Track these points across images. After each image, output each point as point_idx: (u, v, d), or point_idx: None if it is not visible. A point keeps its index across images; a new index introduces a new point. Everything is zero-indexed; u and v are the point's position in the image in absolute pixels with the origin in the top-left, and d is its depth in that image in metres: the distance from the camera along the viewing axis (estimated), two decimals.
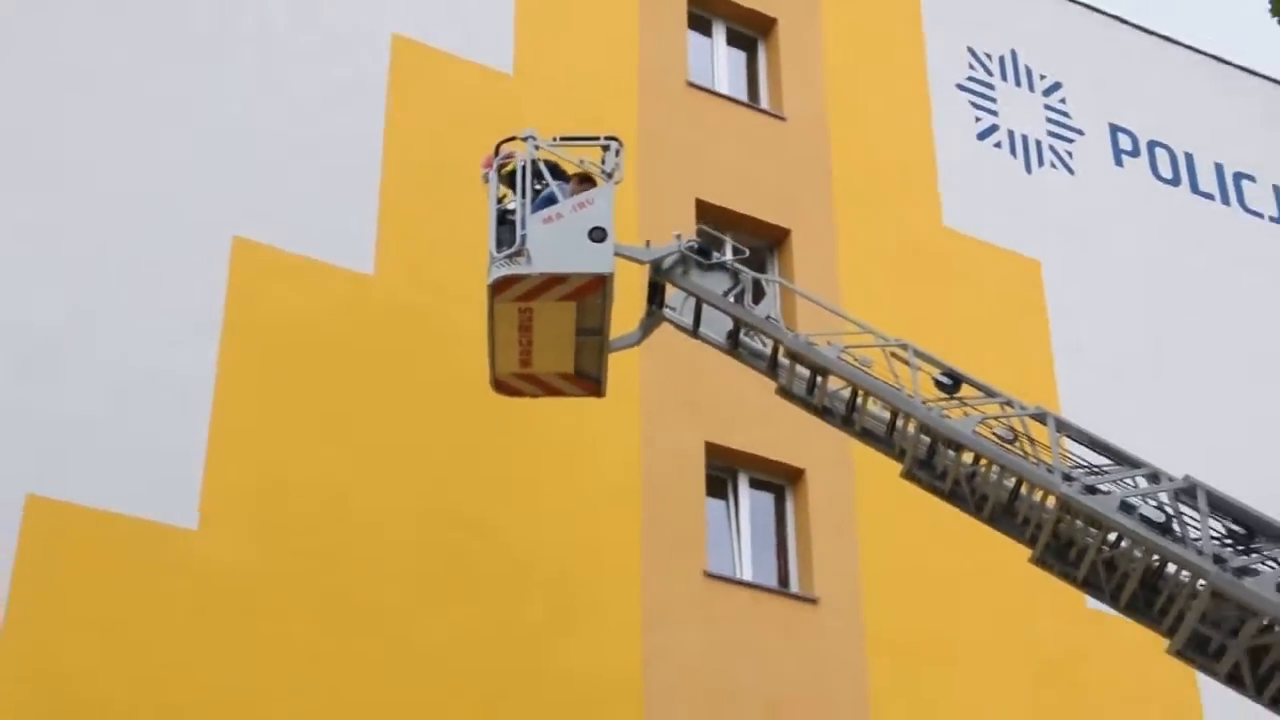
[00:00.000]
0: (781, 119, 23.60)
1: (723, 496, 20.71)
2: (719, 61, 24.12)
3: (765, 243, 22.67)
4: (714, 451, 20.34)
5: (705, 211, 21.96)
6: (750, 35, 24.61)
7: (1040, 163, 25.82)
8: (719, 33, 24.35)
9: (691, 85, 23.15)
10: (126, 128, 19.17)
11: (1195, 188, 27.23)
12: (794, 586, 20.43)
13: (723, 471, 20.65)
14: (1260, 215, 27.74)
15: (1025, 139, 25.83)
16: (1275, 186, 28.20)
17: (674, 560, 19.39)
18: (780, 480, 21.11)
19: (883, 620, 20.31)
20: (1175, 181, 27.10)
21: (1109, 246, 25.48)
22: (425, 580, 18.30)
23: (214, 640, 16.65)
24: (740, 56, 24.56)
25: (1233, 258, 26.70)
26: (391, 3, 22.12)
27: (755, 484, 21.04)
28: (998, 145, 25.51)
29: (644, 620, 18.89)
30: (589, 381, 16.12)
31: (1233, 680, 13.04)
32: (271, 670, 16.95)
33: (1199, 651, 13.14)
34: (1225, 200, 27.51)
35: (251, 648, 16.82)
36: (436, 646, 17.86)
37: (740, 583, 20.06)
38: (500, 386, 16.21)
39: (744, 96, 23.93)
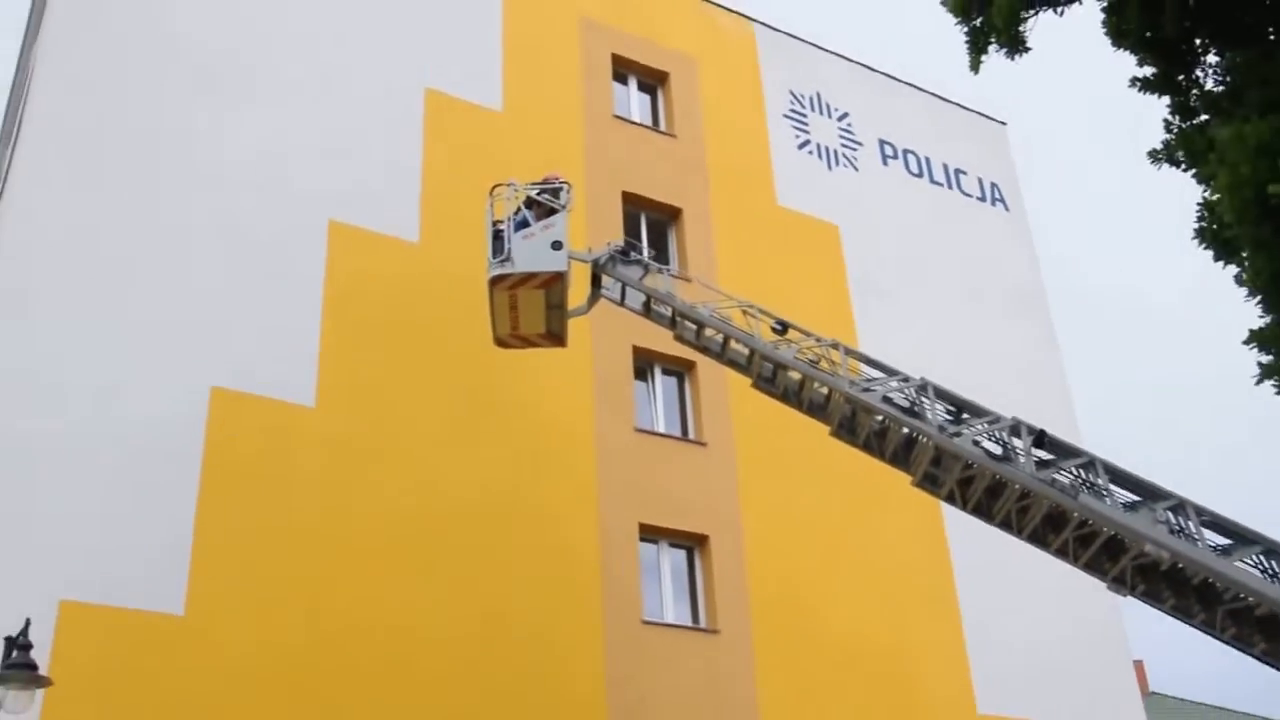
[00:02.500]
0: (674, 137, 25.55)
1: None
2: (633, 101, 25.72)
3: (667, 217, 24.69)
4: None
5: (628, 197, 23.97)
6: (652, 84, 26.18)
7: (836, 163, 27.60)
8: (633, 83, 25.91)
9: (616, 116, 25.00)
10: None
11: (932, 179, 29.16)
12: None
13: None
14: (971, 195, 29.59)
15: (826, 149, 27.62)
16: (979, 178, 29.93)
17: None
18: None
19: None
20: (920, 175, 29.00)
21: (880, 217, 27.34)
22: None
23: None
24: (647, 98, 26.11)
25: (951, 223, 28.62)
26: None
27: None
28: (810, 152, 27.26)
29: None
30: (556, 338, 17.62)
31: (950, 499, 13.81)
32: None
33: (932, 484, 13.86)
34: (949, 186, 29.35)
35: None
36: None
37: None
38: (500, 343, 17.63)
39: (650, 124, 25.72)
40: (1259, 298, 10.84)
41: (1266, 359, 10.77)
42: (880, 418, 14.15)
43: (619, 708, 19.16)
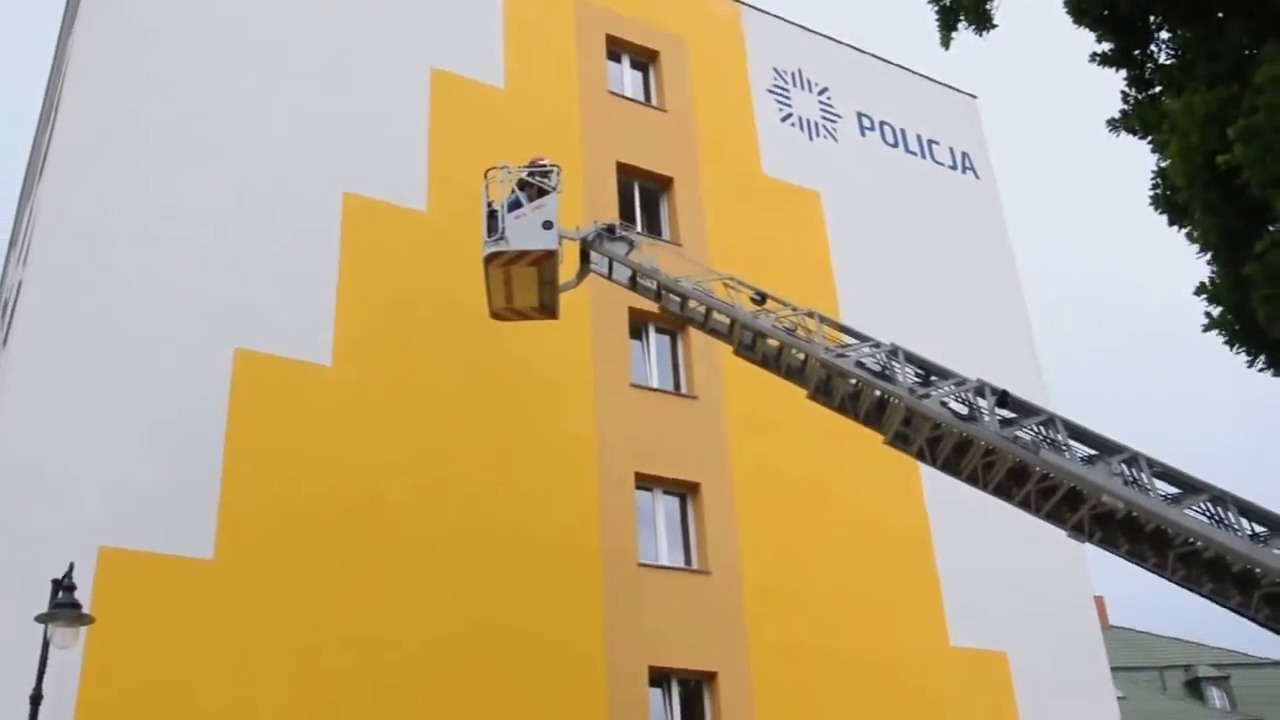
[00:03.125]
0: (665, 111, 25.62)
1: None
2: (626, 78, 25.86)
3: (659, 185, 24.78)
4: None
5: (622, 167, 24.09)
6: (644, 62, 26.30)
7: (818, 134, 27.62)
8: (626, 61, 26.01)
9: (611, 92, 25.12)
10: None
11: (907, 148, 29.12)
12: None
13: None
14: (943, 164, 29.57)
15: (808, 121, 27.64)
16: (951, 148, 29.88)
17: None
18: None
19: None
20: (896, 145, 28.97)
21: (858, 184, 27.32)
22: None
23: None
24: (639, 75, 26.21)
25: (925, 190, 28.60)
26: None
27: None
28: (793, 125, 27.29)
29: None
30: (549, 311, 17.58)
31: (920, 456, 14.01)
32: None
33: (903, 443, 14.08)
34: (923, 156, 29.32)
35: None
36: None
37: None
38: (496, 316, 17.61)
39: (642, 99, 25.78)
40: (1208, 255, 11.07)
41: (1215, 311, 10.99)
42: (854, 381, 14.27)
43: (617, 644, 19.48)
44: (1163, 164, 11.44)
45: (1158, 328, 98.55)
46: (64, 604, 12.52)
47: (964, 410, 13.50)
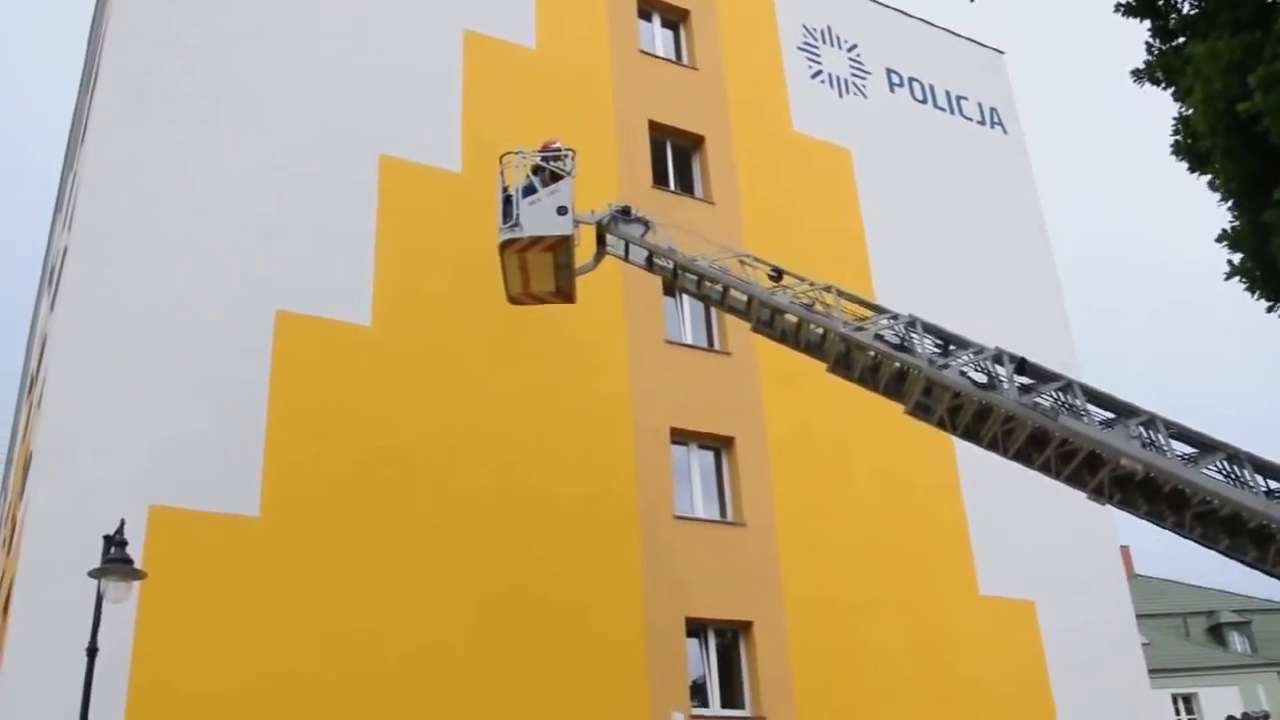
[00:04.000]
0: (696, 70, 25.32)
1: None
2: (657, 37, 25.54)
3: (690, 144, 24.48)
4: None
5: (654, 126, 23.82)
6: (675, 21, 25.96)
7: (847, 91, 27.33)
8: (656, 20, 25.69)
9: (642, 52, 24.84)
10: None
11: (935, 104, 28.78)
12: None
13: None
14: (971, 120, 29.22)
15: (838, 78, 27.31)
16: (979, 103, 29.53)
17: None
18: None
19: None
20: (924, 101, 28.64)
21: (888, 141, 27.01)
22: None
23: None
24: (670, 34, 25.85)
25: (954, 146, 28.26)
26: None
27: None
28: (823, 82, 26.96)
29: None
30: (565, 295, 17.24)
31: (941, 425, 13.82)
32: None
33: (924, 413, 13.87)
34: (952, 112, 29.00)
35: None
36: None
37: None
38: (513, 301, 17.33)
39: (673, 58, 25.48)
40: (1229, 202, 10.93)
41: (1236, 258, 10.91)
42: (873, 354, 14.10)
43: (655, 596, 19.48)
44: (1185, 112, 11.28)
45: (1183, 283, 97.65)
46: (116, 559, 12.55)
47: (983, 379, 13.35)
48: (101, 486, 15.78)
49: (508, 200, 16.18)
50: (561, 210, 16.04)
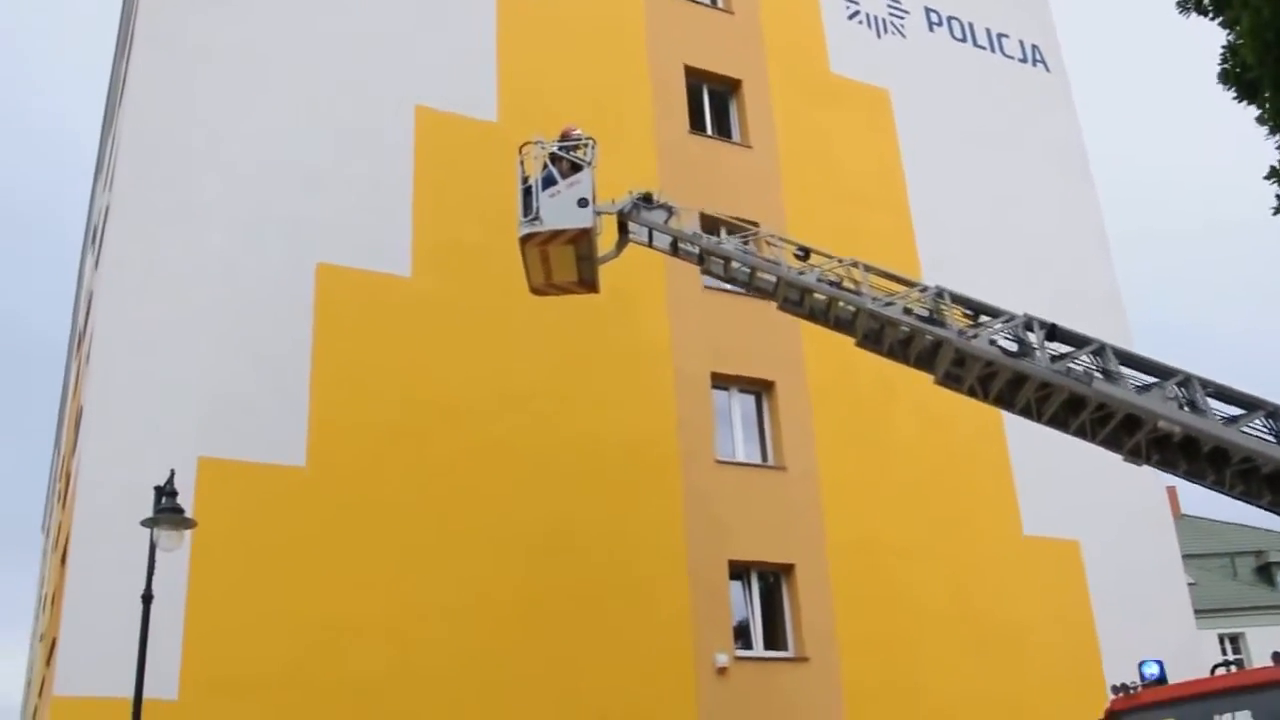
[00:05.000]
0: (732, 13, 24.96)
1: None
2: None
3: (727, 88, 24.23)
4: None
5: (690, 71, 23.58)
6: None
7: (886, 31, 26.84)
8: None
9: None
10: None
11: (975, 42, 28.26)
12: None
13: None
14: (1013, 58, 28.62)
15: (876, 18, 26.83)
16: (1020, 41, 28.90)
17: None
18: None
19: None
20: (964, 40, 28.10)
21: (928, 81, 26.64)
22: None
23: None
24: None
25: (995, 85, 27.76)
26: None
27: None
28: (860, 22, 26.51)
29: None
30: (589, 285, 16.94)
31: (972, 393, 13.82)
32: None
33: (955, 382, 13.85)
34: (993, 50, 28.39)
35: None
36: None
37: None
38: (536, 292, 17.09)
39: (708, 1, 24.92)
40: (1278, 137, 10.74)
41: None
42: (905, 328, 13.98)
43: (698, 540, 19.61)
44: (1233, 40, 11.05)
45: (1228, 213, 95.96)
46: (167, 509, 12.80)
47: (1014, 347, 13.30)
48: (150, 439, 16.04)
49: (527, 193, 15.90)
50: (582, 202, 15.77)
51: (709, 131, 23.66)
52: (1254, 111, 11.25)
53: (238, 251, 17.99)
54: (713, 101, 24.15)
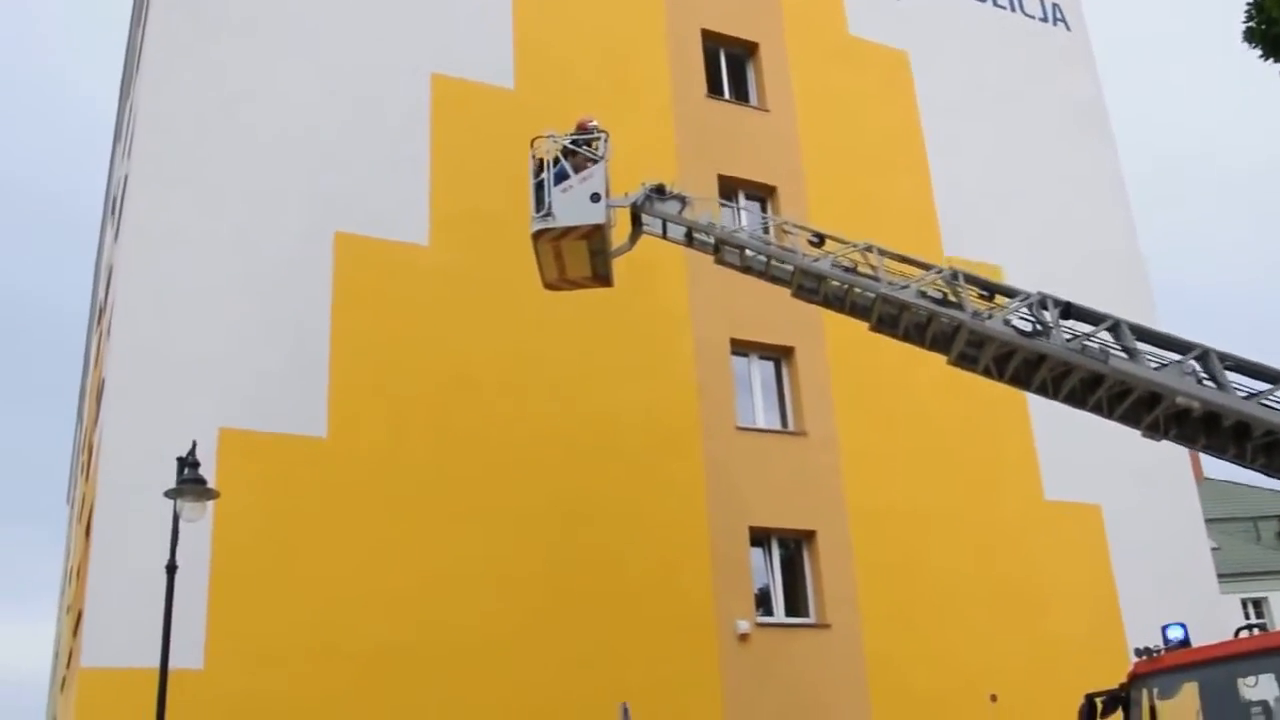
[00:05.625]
0: None
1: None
2: None
3: (744, 51, 24.05)
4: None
5: (706, 34, 23.36)
6: None
7: None
8: None
9: None
10: None
11: (995, 2, 27.86)
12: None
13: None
14: (1033, 17, 28.26)
15: None
16: (1041, 0, 28.61)
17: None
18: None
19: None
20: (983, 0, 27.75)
21: (947, 42, 26.36)
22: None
23: None
24: None
25: (1015, 45, 27.42)
26: None
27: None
28: None
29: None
30: (603, 279, 16.75)
31: (987, 373, 13.81)
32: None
33: (969, 363, 13.83)
34: (1012, 10, 28.02)
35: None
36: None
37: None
38: (549, 288, 16.84)
39: None
40: None
41: None
42: (922, 312, 13.98)
43: (718, 506, 19.62)
44: None
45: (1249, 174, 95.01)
46: (190, 480, 12.86)
47: (1028, 327, 13.29)
48: (172, 410, 16.10)
49: (539, 187, 15.68)
50: (595, 197, 15.53)
51: (726, 95, 23.48)
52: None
53: (256, 221, 18.02)
54: (730, 65, 23.96)
